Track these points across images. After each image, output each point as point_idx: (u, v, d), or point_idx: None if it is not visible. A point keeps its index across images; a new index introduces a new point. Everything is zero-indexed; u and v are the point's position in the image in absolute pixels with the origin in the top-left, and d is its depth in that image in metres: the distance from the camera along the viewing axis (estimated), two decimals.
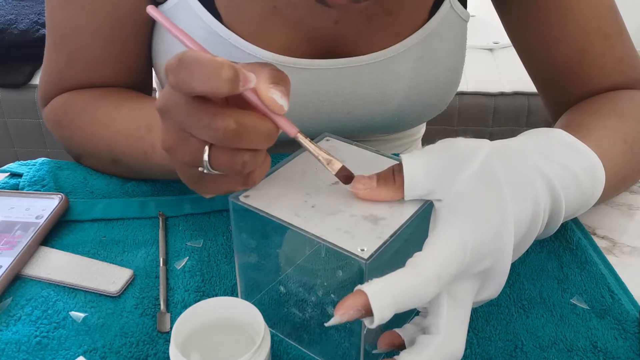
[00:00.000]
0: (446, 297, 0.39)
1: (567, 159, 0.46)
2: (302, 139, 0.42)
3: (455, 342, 0.39)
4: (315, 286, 0.46)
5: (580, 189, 0.46)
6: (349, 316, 0.36)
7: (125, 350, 0.46)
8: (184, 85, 0.37)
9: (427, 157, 0.43)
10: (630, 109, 0.60)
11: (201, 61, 0.36)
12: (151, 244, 0.57)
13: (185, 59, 0.37)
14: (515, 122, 1.68)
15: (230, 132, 0.38)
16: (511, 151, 0.44)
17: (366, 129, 0.71)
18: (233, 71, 0.37)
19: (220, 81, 0.36)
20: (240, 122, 0.38)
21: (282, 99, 0.39)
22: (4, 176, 0.65)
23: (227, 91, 0.37)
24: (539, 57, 0.67)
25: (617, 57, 0.64)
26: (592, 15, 0.62)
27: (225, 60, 0.37)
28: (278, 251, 0.47)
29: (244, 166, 0.40)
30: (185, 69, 0.36)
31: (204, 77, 0.36)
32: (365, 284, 0.36)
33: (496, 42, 1.82)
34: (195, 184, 0.45)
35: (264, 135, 0.40)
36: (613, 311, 0.50)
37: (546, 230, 0.46)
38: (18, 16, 1.72)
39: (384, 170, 0.44)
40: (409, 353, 0.39)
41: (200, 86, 0.36)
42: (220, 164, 0.40)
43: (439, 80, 0.68)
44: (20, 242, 0.55)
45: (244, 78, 0.38)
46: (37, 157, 0.68)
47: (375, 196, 0.43)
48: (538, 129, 0.49)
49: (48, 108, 0.69)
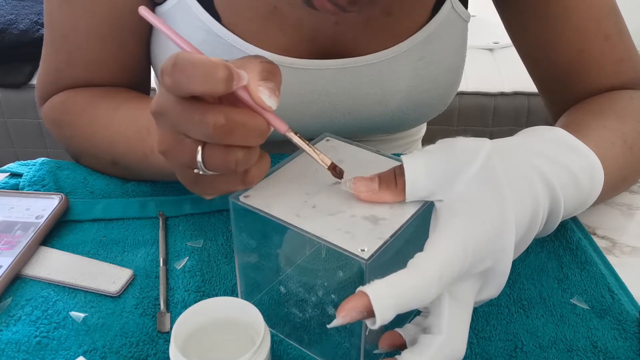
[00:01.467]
0: (447, 297, 0.39)
1: (566, 158, 0.46)
2: (292, 135, 0.42)
3: (456, 342, 0.40)
4: (316, 286, 0.46)
5: (579, 188, 0.46)
6: (351, 318, 0.36)
7: (125, 350, 0.46)
8: (180, 87, 0.37)
9: (428, 158, 0.43)
10: (630, 109, 0.60)
11: (196, 62, 0.37)
12: (151, 244, 0.57)
13: (180, 60, 0.37)
14: (515, 122, 1.68)
15: (220, 127, 0.38)
16: (510, 150, 0.44)
17: (367, 129, 0.71)
18: (228, 71, 0.37)
19: (216, 81, 0.37)
20: (230, 117, 0.38)
21: (271, 96, 0.40)
22: (4, 176, 0.65)
23: (222, 90, 0.37)
24: (539, 56, 0.67)
25: (618, 58, 0.64)
26: (593, 16, 0.62)
27: (219, 60, 0.37)
28: (278, 251, 0.47)
29: (237, 164, 0.40)
30: (180, 71, 0.37)
31: (199, 77, 0.36)
32: (367, 285, 0.36)
33: (496, 42, 1.81)
34: (194, 185, 0.45)
35: (255, 131, 0.40)
36: (613, 311, 0.50)
37: (544, 229, 0.46)
38: (18, 16, 1.72)
39: (385, 171, 0.44)
40: (411, 353, 0.39)
41: (197, 87, 0.37)
42: (213, 162, 0.40)
43: (439, 80, 0.68)
44: (20, 242, 0.55)
45: (237, 77, 0.38)
46: (37, 157, 0.68)
47: (377, 199, 0.43)
48: (537, 127, 0.49)
49: (46, 106, 0.68)
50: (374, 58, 0.64)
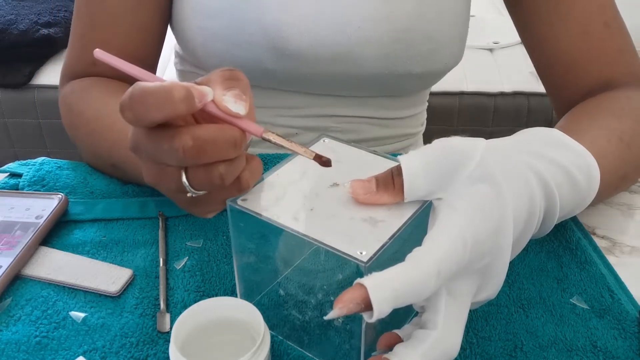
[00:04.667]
0: (444, 294, 0.40)
1: (561, 157, 0.46)
2: (270, 135, 0.41)
3: (451, 339, 0.39)
4: (315, 288, 0.46)
5: (575, 187, 0.46)
6: (348, 310, 0.36)
7: (125, 351, 0.46)
8: (141, 118, 0.38)
9: (425, 157, 0.43)
10: (628, 108, 0.60)
11: (150, 90, 0.37)
12: (151, 244, 0.57)
13: (135, 92, 0.37)
14: (515, 122, 1.68)
15: (190, 150, 0.38)
16: (506, 149, 0.44)
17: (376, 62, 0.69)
18: (185, 91, 0.37)
19: (174, 103, 0.37)
20: (196, 136, 0.38)
21: (237, 102, 0.40)
22: (4, 176, 0.65)
23: (184, 110, 0.37)
24: (543, 40, 0.68)
25: (618, 48, 0.65)
26: (594, 2, 0.64)
27: (176, 83, 0.37)
28: (277, 253, 0.47)
29: (222, 178, 0.40)
30: (137, 103, 0.37)
31: (157, 104, 0.37)
32: (365, 277, 0.36)
33: (496, 42, 1.81)
34: (193, 207, 0.45)
35: (227, 143, 0.40)
36: (613, 311, 0.50)
37: (541, 230, 0.46)
38: (18, 16, 1.72)
39: (382, 173, 0.44)
40: (404, 347, 0.39)
41: (157, 114, 0.37)
42: (199, 182, 0.41)
43: (444, 15, 0.68)
44: (20, 242, 0.55)
45: (199, 94, 0.38)
46: (37, 157, 0.68)
47: (375, 201, 0.43)
48: (532, 128, 0.49)
49: (67, 88, 0.70)
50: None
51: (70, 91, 0.69)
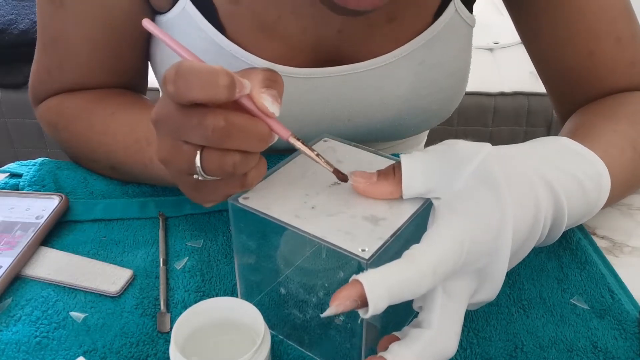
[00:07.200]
0: (441, 293, 0.40)
1: (572, 166, 0.45)
2: (295, 141, 0.42)
3: (446, 338, 0.39)
4: (316, 287, 0.46)
5: (585, 196, 0.46)
6: (345, 307, 0.36)
7: (125, 351, 0.46)
8: (182, 94, 0.38)
9: (426, 156, 0.43)
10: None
11: (198, 70, 0.37)
12: (151, 244, 0.57)
13: (183, 68, 0.37)
14: (515, 122, 1.68)
15: (219, 130, 0.38)
16: (511, 155, 0.44)
17: (367, 135, 0.71)
18: (230, 78, 0.38)
19: (218, 88, 0.37)
20: (229, 120, 0.39)
21: (274, 102, 0.40)
22: (4, 176, 0.65)
23: (225, 97, 0.38)
24: (549, 57, 0.66)
25: (629, 61, 0.63)
26: (604, 18, 0.61)
27: (221, 68, 0.38)
28: (278, 252, 0.47)
29: (234, 167, 0.40)
30: (182, 79, 0.37)
31: (201, 85, 0.37)
32: (361, 274, 0.36)
33: (496, 42, 1.81)
34: (195, 192, 0.45)
35: (255, 136, 0.40)
36: (613, 311, 0.50)
37: (548, 238, 0.46)
38: (18, 16, 1.72)
39: (384, 168, 0.44)
40: (399, 345, 0.39)
41: (199, 94, 0.37)
42: (211, 165, 0.40)
43: (441, 85, 0.67)
44: (20, 242, 0.55)
45: (240, 85, 0.39)
46: (37, 157, 0.68)
47: (374, 190, 0.43)
48: (542, 137, 0.49)
49: (42, 108, 0.68)
50: (375, 63, 0.63)
51: (46, 109, 0.67)
